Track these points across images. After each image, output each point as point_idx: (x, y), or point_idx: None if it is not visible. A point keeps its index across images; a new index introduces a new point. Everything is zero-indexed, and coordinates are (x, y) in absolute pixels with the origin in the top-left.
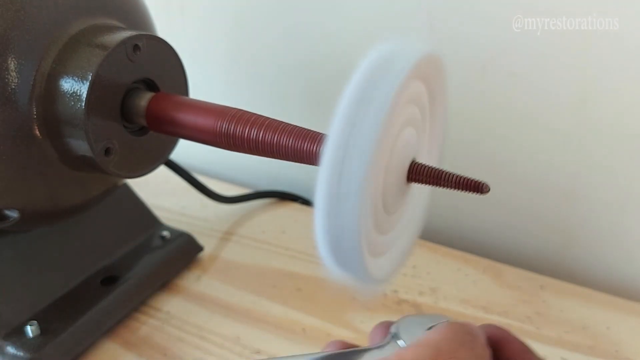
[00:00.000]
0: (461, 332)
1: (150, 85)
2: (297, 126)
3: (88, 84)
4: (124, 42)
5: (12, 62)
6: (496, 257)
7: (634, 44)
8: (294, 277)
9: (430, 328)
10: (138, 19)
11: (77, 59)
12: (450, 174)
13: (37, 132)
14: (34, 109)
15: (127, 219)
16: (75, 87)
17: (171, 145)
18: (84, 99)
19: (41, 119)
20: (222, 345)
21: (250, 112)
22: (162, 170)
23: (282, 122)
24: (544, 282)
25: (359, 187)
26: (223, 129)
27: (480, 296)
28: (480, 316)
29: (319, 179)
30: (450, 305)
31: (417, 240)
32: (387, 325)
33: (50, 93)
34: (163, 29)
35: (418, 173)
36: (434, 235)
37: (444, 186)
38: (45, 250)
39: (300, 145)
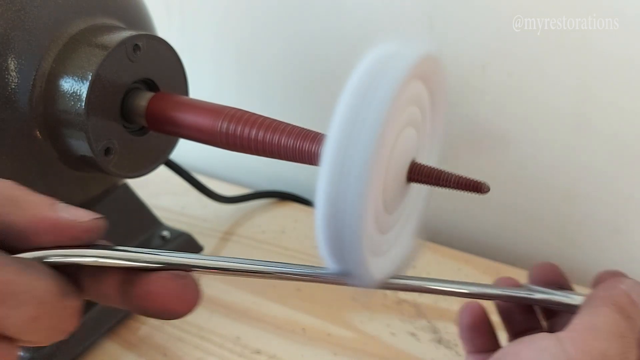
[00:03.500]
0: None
1: (150, 85)
2: (297, 126)
3: (88, 83)
4: (124, 42)
5: (12, 62)
6: (496, 258)
7: (634, 44)
8: None
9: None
10: (138, 19)
11: (77, 58)
12: (449, 174)
13: (37, 132)
14: (34, 109)
15: (127, 219)
16: (75, 87)
17: (171, 145)
18: (84, 99)
19: (41, 119)
20: (222, 345)
21: (250, 112)
22: (162, 170)
23: (282, 122)
24: None
25: (360, 187)
26: (223, 129)
27: None
28: None
29: (319, 179)
30: (450, 306)
31: (416, 240)
32: None
33: (50, 93)
34: (163, 29)
35: (418, 173)
36: (434, 235)
37: (443, 186)
38: None
39: (300, 146)
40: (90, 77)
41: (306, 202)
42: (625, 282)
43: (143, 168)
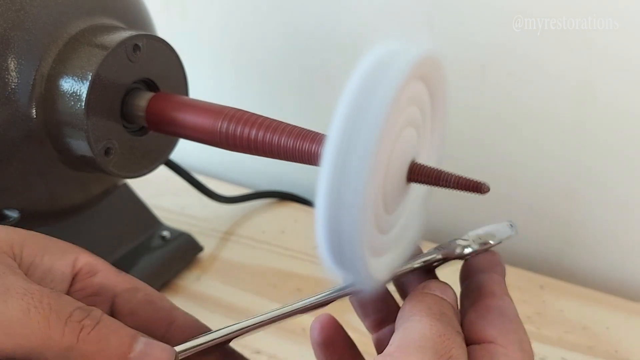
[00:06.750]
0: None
1: (150, 85)
2: (297, 126)
3: (88, 84)
4: (124, 42)
5: (12, 62)
6: None
7: (634, 44)
8: (294, 277)
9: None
10: (138, 18)
11: (77, 59)
12: (449, 174)
13: (37, 132)
14: (34, 109)
15: (127, 219)
16: (75, 87)
17: (171, 145)
18: (84, 99)
19: (41, 119)
20: None
21: (250, 112)
22: (162, 170)
23: (282, 122)
24: (544, 282)
25: (360, 188)
26: (223, 129)
27: None
28: None
29: (320, 180)
30: None
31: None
32: None
33: (50, 93)
34: (163, 29)
35: (418, 173)
36: (434, 235)
37: (443, 186)
38: None
39: (300, 146)
40: (90, 77)
41: (306, 202)
42: (428, 285)
43: (143, 168)
